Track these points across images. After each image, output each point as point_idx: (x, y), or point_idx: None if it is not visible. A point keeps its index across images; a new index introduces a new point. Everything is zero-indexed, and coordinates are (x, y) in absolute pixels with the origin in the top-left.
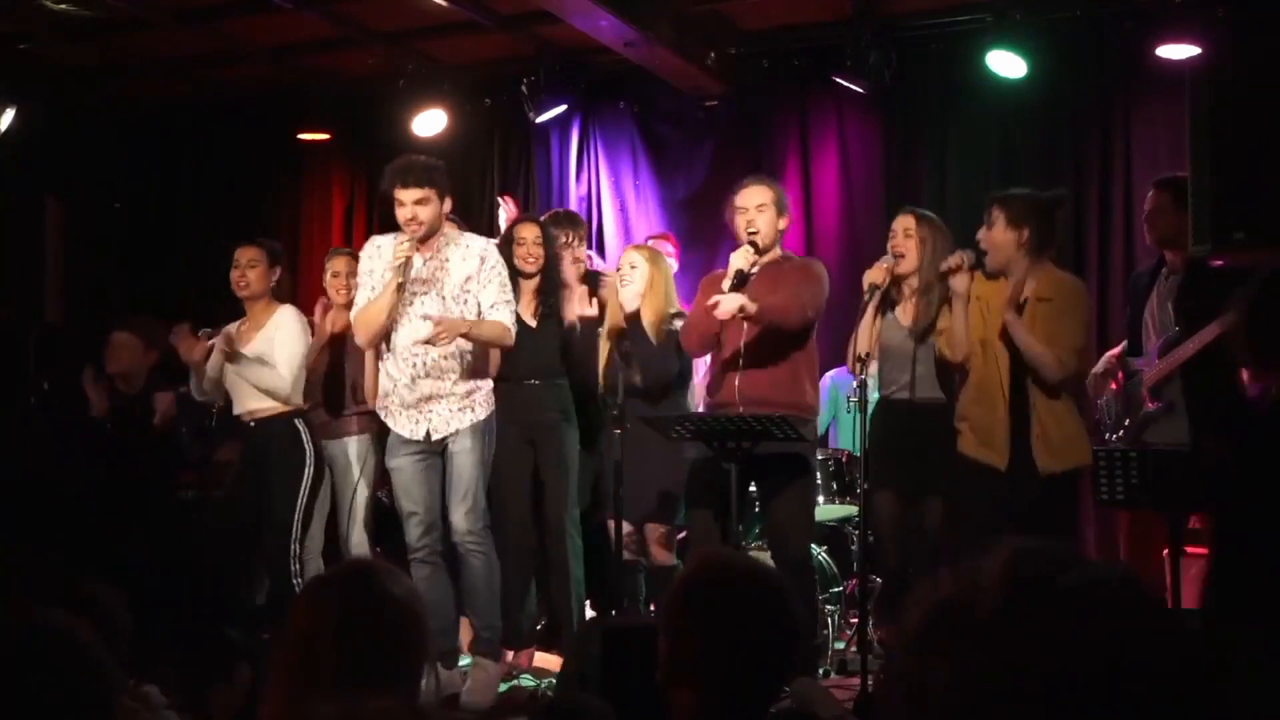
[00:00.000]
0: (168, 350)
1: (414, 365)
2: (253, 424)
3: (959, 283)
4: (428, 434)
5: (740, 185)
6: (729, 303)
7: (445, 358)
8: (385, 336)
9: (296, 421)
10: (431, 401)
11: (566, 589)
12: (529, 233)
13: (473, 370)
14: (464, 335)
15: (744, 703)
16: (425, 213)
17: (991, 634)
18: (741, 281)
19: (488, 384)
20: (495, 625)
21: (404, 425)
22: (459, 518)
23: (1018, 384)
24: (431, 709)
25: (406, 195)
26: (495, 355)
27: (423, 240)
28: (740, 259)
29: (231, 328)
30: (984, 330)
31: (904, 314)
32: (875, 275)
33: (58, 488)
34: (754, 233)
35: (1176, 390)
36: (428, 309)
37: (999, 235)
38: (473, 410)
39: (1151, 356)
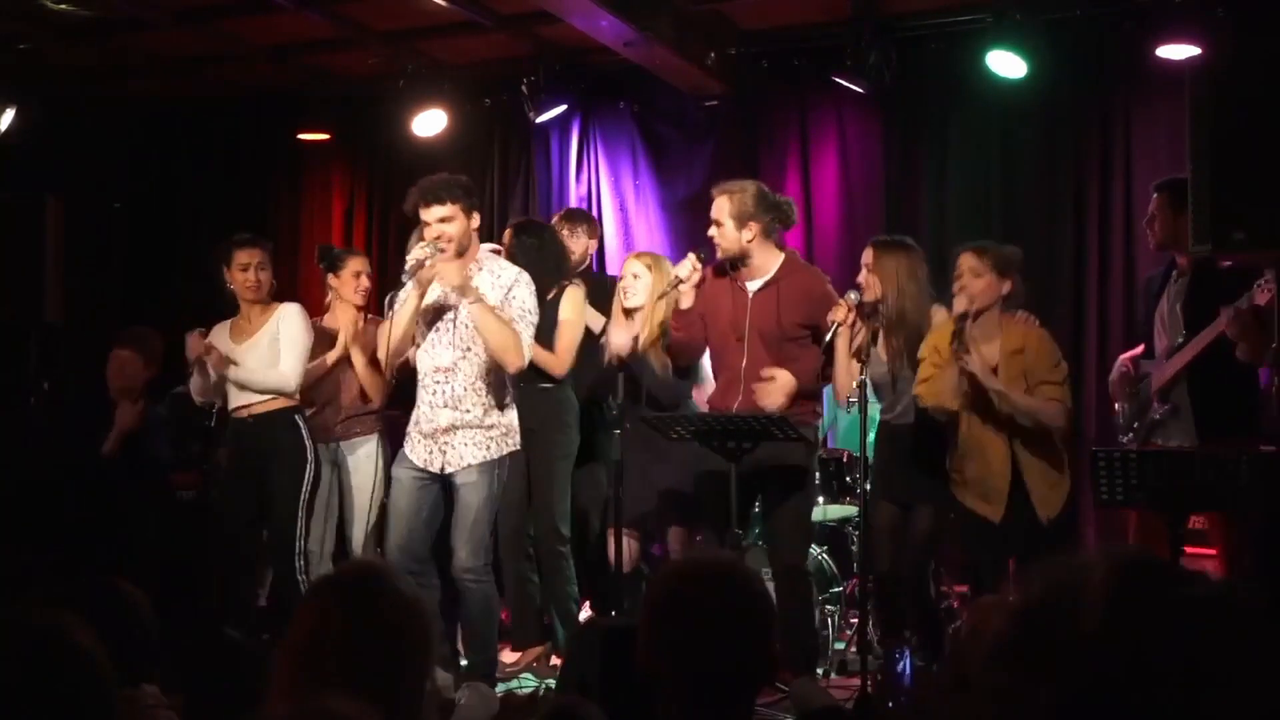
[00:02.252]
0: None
1: (434, 393)
2: (250, 419)
3: (971, 358)
4: (441, 466)
5: (714, 190)
6: (774, 397)
7: (466, 390)
8: (405, 351)
9: (296, 417)
10: (449, 434)
11: (554, 601)
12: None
13: (494, 403)
14: (475, 299)
15: (718, 702)
16: (452, 229)
17: (1102, 647)
18: (674, 285)
19: (510, 419)
20: (490, 659)
21: (419, 454)
22: (460, 552)
23: (1010, 438)
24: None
25: (430, 214)
26: None
27: (456, 258)
28: (682, 268)
29: (224, 331)
30: (967, 385)
31: (883, 348)
32: (837, 313)
33: (58, 488)
34: (716, 248)
35: (1183, 393)
36: (450, 338)
37: (989, 283)
38: (487, 448)
39: (1160, 359)
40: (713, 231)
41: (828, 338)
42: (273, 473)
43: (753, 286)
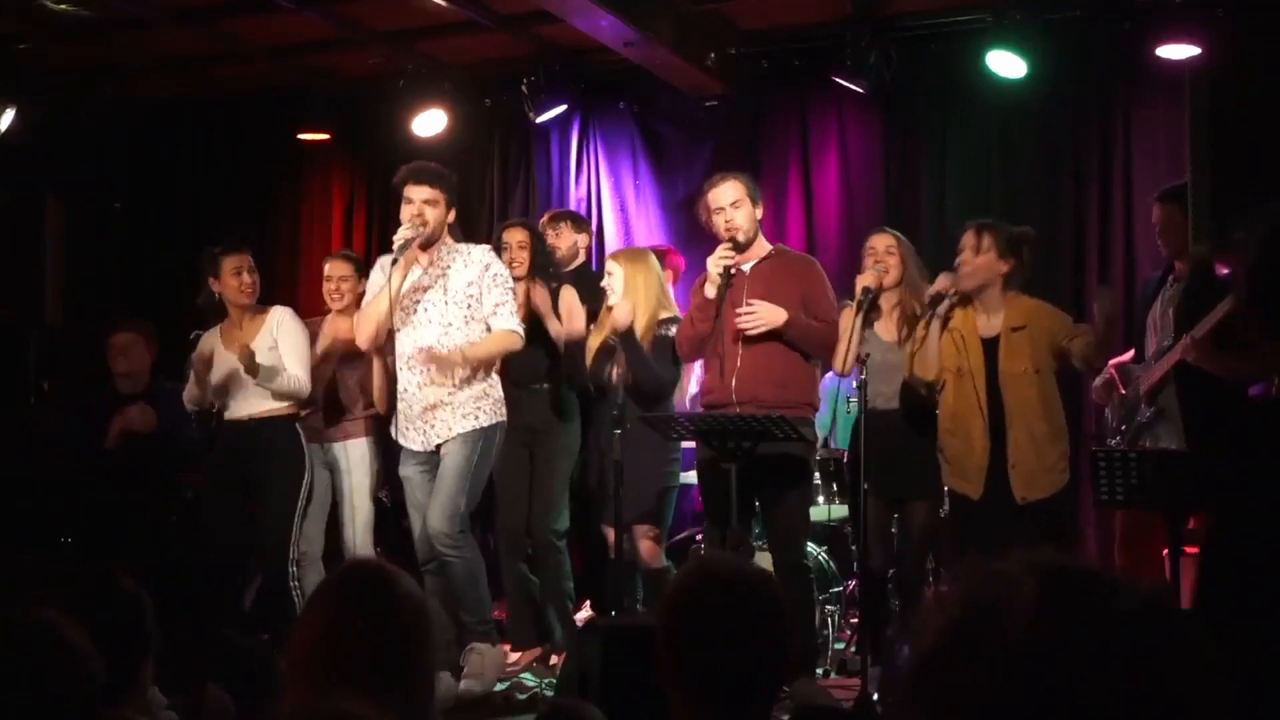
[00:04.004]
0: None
1: (420, 372)
2: (251, 422)
3: (944, 306)
4: (430, 441)
5: (709, 184)
6: (767, 315)
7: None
8: (385, 337)
9: (297, 425)
10: (437, 409)
11: (550, 598)
12: (513, 237)
13: (478, 376)
14: (463, 363)
15: (738, 706)
16: (431, 213)
17: (1026, 654)
18: (728, 278)
19: (496, 389)
20: (488, 620)
21: (413, 439)
22: (434, 518)
23: (995, 414)
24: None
25: (416, 192)
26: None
27: (424, 247)
28: (721, 257)
29: (215, 339)
30: (958, 359)
31: (885, 329)
32: (870, 280)
33: (58, 488)
34: (734, 230)
35: (1171, 396)
36: (431, 315)
37: (988, 261)
38: (476, 417)
39: (1150, 361)
40: (732, 214)
41: (862, 300)
42: (267, 478)
43: (747, 266)
